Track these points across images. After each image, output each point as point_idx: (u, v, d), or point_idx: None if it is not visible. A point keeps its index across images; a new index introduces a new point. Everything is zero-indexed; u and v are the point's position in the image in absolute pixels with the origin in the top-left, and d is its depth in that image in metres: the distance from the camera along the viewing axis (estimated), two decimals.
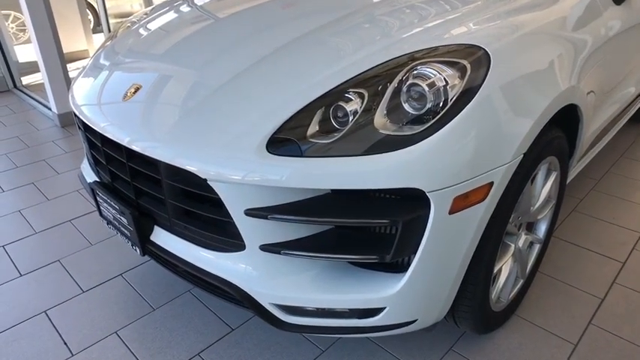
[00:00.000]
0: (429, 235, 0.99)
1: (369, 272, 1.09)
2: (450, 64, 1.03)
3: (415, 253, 1.01)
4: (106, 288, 1.70)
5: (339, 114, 1.02)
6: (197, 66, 1.26)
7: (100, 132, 1.23)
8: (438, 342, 1.45)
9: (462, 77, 1.01)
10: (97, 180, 1.42)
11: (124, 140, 1.15)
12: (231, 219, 1.04)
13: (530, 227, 1.59)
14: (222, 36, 1.40)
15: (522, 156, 1.09)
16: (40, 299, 1.65)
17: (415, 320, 1.12)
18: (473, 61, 1.03)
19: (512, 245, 1.38)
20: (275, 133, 1.00)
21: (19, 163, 2.72)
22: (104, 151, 1.31)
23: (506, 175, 1.05)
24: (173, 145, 1.07)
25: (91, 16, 5.80)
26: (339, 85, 1.04)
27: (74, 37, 4.90)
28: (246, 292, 1.09)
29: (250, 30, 1.38)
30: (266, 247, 1.05)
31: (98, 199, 1.39)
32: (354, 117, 0.99)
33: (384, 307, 1.06)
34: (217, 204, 1.05)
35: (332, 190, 1.03)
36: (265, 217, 1.00)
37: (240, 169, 0.98)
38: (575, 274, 1.75)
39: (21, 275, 1.78)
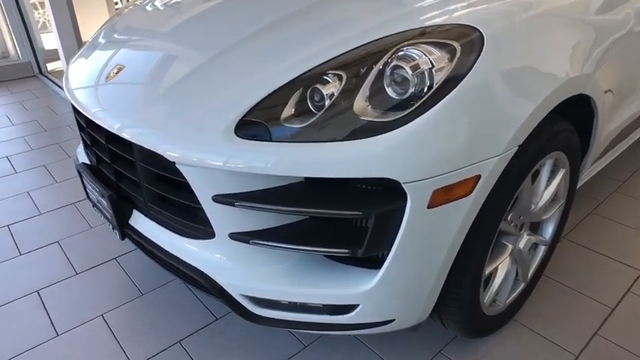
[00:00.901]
0: (405, 230, 0.92)
1: (343, 267, 1.02)
2: (440, 46, 0.95)
3: (390, 249, 0.94)
4: (98, 271, 1.70)
5: (316, 97, 0.96)
6: (178, 47, 1.22)
7: (83, 112, 1.22)
8: (427, 343, 1.38)
9: (450, 60, 0.93)
10: (84, 162, 1.42)
11: (101, 121, 1.13)
12: (200, 205, 1.00)
13: (536, 228, 1.49)
14: (206, 18, 1.35)
15: (517, 148, 1.00)
16: (34, 279, 1.67)
17: (392, 320, 1.05)
18: (465, 43, 0.95)
19: (510, 246, 1.28)
20: (245, 115, 0.94)
21: (34, 145, 2.78)
22: (88, 132, 1.30)
23: (497, 169, 0.97)
24: (144, 127, 1.03)
25: (120, 3, 5.90)
26: (318, 66, 0.98)
27: (99, 24, 4.98)
28: (216, 282, 1.05)
29: (232, 12, 1.33)
30: (235, 236, 1.00)
31: (84, 181, 1.38)
32: (330, 101, 0.93)
33: (357, 305, 1.00)
34: (188, 189, 1.01)
35: (305, 178, 0.98)
36: (232, 204, 0.95)
37: (205, 153, 0.93)
38: (586, 280, 1.63)
39: (20, 254, 1.81)
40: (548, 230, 1.49)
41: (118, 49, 1.36)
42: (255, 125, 0.94)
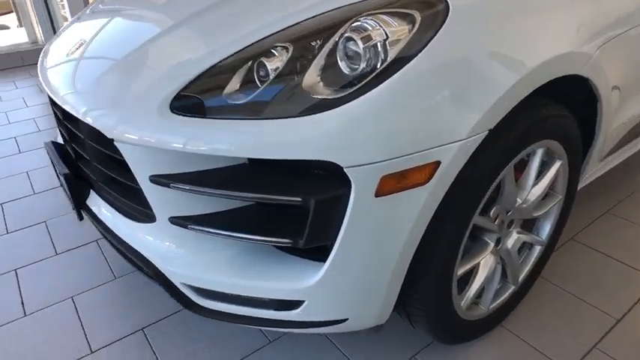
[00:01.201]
0: (350, 221, 0.82)
1: (291, 259, 0.94)
2: (400, 16, 0.84)
3: (336, 241, 0.85)
4: (78, 252, 1.68)
5: (262, 72, 0.87)
6: (131, 23, 1.17)
7: (45, 88, 1.18)
8: (401, 345, 1.28)
9: (409, 32, 0.82)
10: (53, 141, 1.38)
11: (54, 97, 1.08)
12: (139, 186, 0.94)
13: (530, 226, 1.35)
14: None
15: (488, 133, 0.88)
16: (15, 258, 1.67)
17: (345, 320, 0.96)
18: (428, 14, 0.84)
19: (491, 244, 1.16)
20: (183, 90, 0.87)
21: (42, 127, 2.81)
22: (53, 110, 1.26)
23: (461, 156, 0.85)
24: (87, 102, 0.98)
25: None
26: (265, 38, 0.89)
27: None
28: (158, 269, 0.99)
29: None
30: (174, 220, 0.93)
31: (50, 158, 1.35)
32: (274, 75, 0.84)
33: (303, 301, 0.92)
34: (128, 168, 0.95)
35: (249, 160, 0.89)
36: (168, 186, 0.88)
37: (138, 130, 0.86)
38: (590, 286, 1.47)
39: (7, 233, 1.82)
40: (545, 229, 1.34)
41: (86, 25, 1.32)
42: (192, 100, 0.86)
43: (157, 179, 0.89)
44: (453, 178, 0.87)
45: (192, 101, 0.86)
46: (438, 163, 0.83)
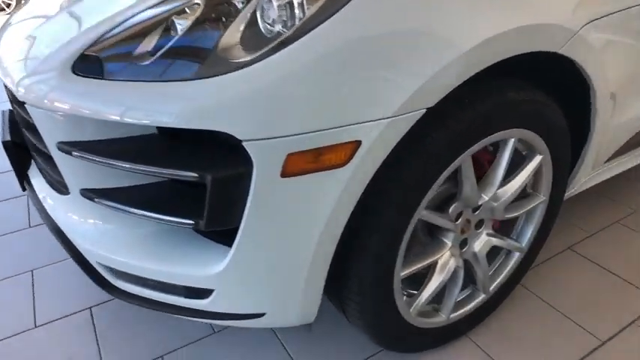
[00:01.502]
0: (254, 203, 0.72)
1: (204, 244, 0.85)
2: None
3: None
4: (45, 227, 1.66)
5: (172, 32, 0.78)
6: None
7: None
8: (352, 348, 1.17)
9: None
10: (10, 109, 1.36)
11: None
12: (50, 153, 0.88)
13: (508, 229, 1.20)
14: None
15: (426, 112, 0.76)
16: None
17: (262, 314, 0.86)
18: None
19: (448, 243, 1.03)
20: (87, 50, 0.79)
21: None
22: None
23: (388, 136, 0.74)
24: (9, 65, 0.92)
25: None
26: None
27: None
28: (74, 245, 0.93)
29: None
30: (84, 192, 0.86)
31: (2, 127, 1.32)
32: (180, 34, 0.75)
33: (212, 290, 0.83)
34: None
35: (158, 129, 0.81)
36: (70, 153, 0.81)
37: (39, 90, 0.80)
38: (581, 302, 1.31)
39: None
40: (526, 234, 1.20)
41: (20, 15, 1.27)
42: (95, 62, 0.79)
43: (61, 146, 0.82)
44: (381, 161, 0.75)
45: (95, 62, 0.78)
46: (358, 143, 0.72)
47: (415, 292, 1.06)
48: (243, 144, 0.68)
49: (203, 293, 0.84)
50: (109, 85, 0.75)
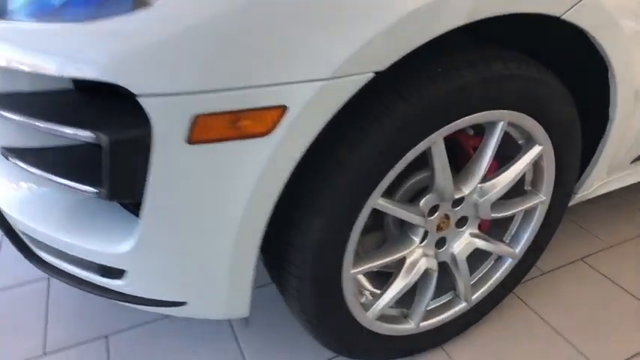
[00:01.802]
0: (157, 172, 0.61)
1: (121, 218, 0.75)
2: None
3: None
4: None
5: None
6: None
7: None
8: (313, 350, 1.05)
9: None
10: None
11: None
12: None
13: (501, 232, 1.04)
14: None
15: (374, 76, 0.62)
16: None
17: (183, 303, 0.76)
18: None
19: (416, 241, 0.88)
20: None
21: None
22: None
23: (324, 103, 0.60)
24: None
25: None
26: None
27: None
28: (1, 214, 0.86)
29: None
30: (3, 151, 0.78)
31: None
32: None
33: (125, 270, 0.73)
34: None
35: (74, 83, 0.71)
36: None
37: None
38: (582, 321, 1.13)
39: None
40: (521, 239, 1.03)
41: None
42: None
43: None
44: (315, 133, 0.62)
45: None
46: (283, 109, 0.59)
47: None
48: (139, 99, 0.57)
49: (116, 273, 0.74)
50: (9, 25, 0.65)
